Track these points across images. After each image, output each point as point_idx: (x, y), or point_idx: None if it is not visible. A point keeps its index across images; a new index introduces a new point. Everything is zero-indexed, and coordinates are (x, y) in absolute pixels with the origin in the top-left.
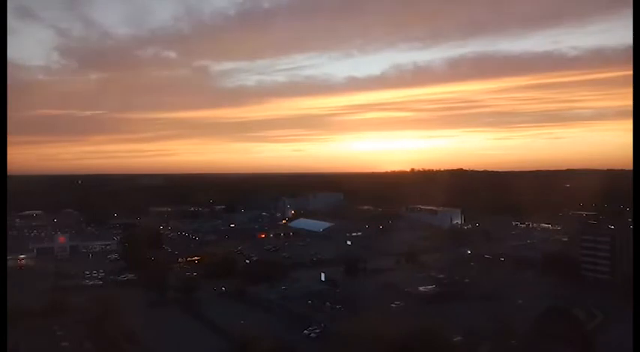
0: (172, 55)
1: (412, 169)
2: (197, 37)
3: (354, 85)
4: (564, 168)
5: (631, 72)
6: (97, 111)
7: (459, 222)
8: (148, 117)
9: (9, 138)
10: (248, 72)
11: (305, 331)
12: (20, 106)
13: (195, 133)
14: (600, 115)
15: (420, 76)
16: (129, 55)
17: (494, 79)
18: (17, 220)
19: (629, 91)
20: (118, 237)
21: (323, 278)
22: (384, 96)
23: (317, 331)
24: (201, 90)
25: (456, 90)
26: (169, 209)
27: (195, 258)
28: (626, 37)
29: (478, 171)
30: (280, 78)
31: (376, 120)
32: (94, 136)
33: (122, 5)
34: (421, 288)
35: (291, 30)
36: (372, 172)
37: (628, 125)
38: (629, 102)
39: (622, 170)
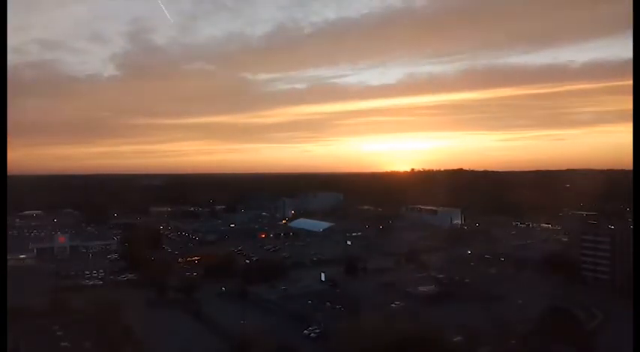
0: (214, 68)
1: (412, 169)
2: (243, 54)
3: (369, 92)
4: (564, 168)
5: (625, 82)
6: (118, 116)
7: (459, 222)
8: (166, 123)
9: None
10: (278, 82)
11: (305, 331)
12: (58, 111)
13: (205, 136)
14: (599, 120)
15: (431, 84)
16: (175, 68)
17: (500, 88)
18: (17, 220)
19: (627, 99)
20: (118, 237)
21: (323, 278)
22: (394, 102)
23: (317, 331)
24: (229, 99)
25: (463, 98)
26: (169, 209)
27: (195, 258)
28: (621, 52)
29: (478, 171)
30: (302, 86)
31: (381, 124)
32: (103, 139)
33: (181, 28)
34: (421, 288)
35: (325, 48)
36: (372, 172)
37: (627, 127)
38: (627, 107)
39: (622, 170)
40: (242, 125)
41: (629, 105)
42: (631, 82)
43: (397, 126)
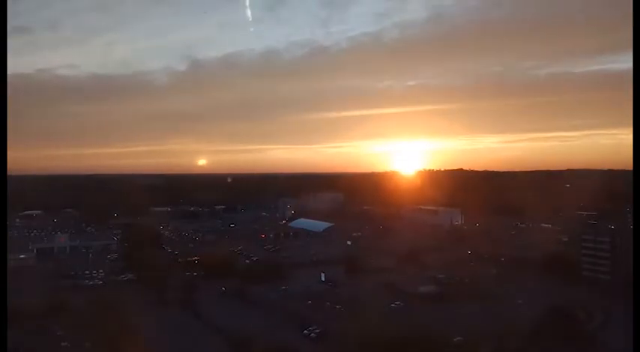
0: (252, 81)
1: (412, 169)
2: (281, 70)
3: (380, 100)
4: (564, 168)
5: (624, 93)
6: (134, 120)
7: (459, 222)
8: (179, 127)
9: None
10: (303, 91)
11: (305, 331)
12: (84, 116)
13: (212, 139)
14: (599, 123)
15: (439, 93)
16: (217, 81)
17: (502, 95)
18: (17, 220)
19: (625, 105)
20: (118, 237)
21: (323, 278)
22: (401, 109)
23: (317, 331)
24: (253, 106)
25: (467, 106)
26: (169, 209)
27: (195, 258)
28: (619, 65)
29: (478, 171)
30: (324, 95)
31: (384, 127)
32: (111, 141)
33: (232, 51)
34: (421, 288)
35: (354, 65)
36: (372, 172)
37: (626, 130)
38: (625, 112)
39: (622, 170)
40: (258, 130)
41: (627, 110)
42: (628, 91)
43: (400, 129)
